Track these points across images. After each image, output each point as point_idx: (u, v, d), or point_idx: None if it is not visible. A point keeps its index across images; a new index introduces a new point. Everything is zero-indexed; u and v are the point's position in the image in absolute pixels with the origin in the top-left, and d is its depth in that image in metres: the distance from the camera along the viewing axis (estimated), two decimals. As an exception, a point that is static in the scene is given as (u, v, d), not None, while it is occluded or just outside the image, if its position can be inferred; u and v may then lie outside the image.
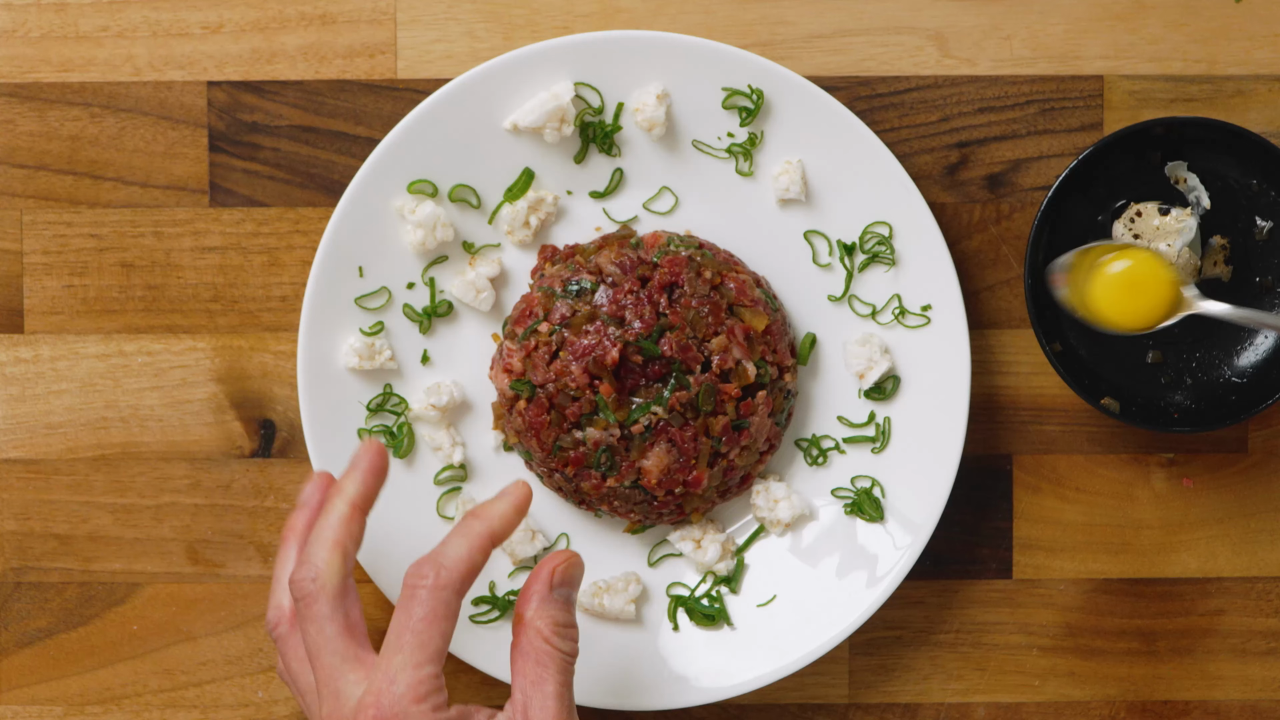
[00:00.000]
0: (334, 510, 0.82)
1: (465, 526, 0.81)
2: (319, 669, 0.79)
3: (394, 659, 0.77)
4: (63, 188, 0.95)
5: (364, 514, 0.82)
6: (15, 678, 0.96)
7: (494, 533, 0.81)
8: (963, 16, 0.95)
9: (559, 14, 0.95)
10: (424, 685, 0.77)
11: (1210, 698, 0.96)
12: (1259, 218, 0.93)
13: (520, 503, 0.82)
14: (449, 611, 0.78)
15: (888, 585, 0.92)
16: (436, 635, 0.78)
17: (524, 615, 0.81)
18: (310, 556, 0.80)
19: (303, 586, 0.79)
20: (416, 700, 0.76)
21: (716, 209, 0.94)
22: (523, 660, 0.80)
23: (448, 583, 0.78)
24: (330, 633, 0.79)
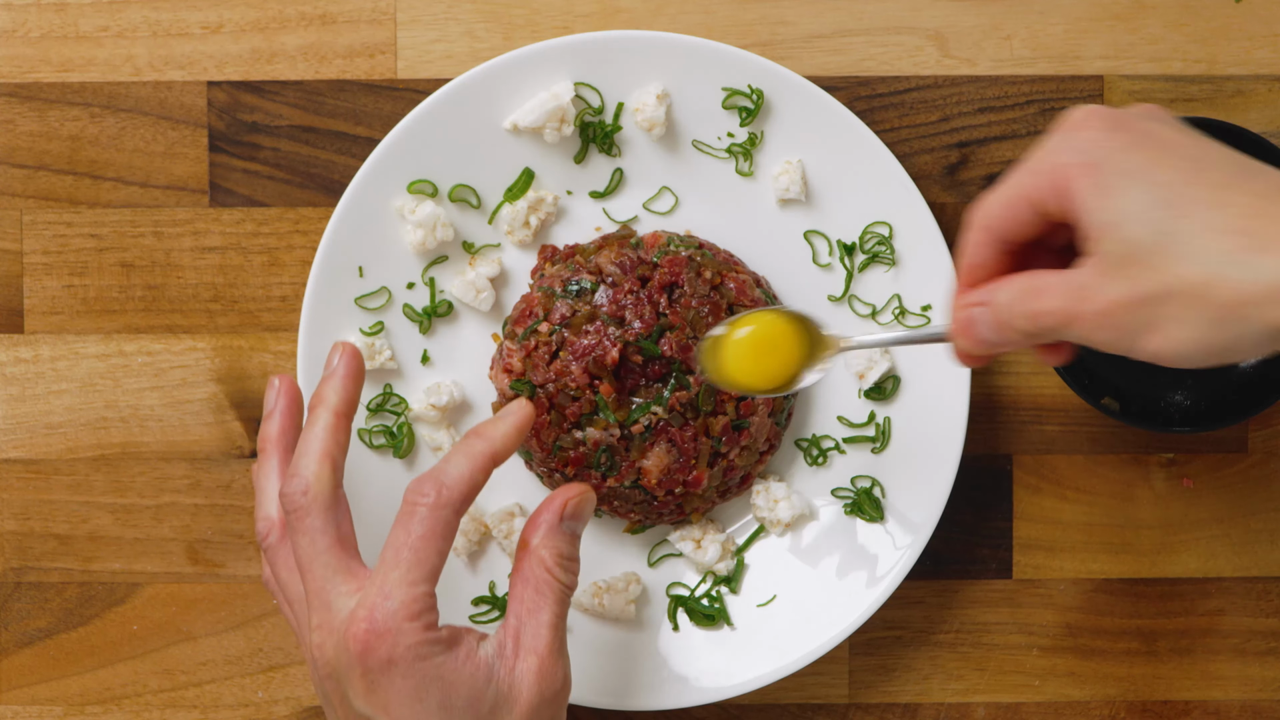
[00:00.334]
0: (319, 420, 0.81)
1: (467, 445, 0.80)
2: (310, 580, 0.79)
3: (390, 574, 0.77)
4: (63, 188, 0.95)
5: (349, 421, 0.82)
6: (15, 678, 0.96)
7: (495, 453, 0.80)
8: (963, 16, 0.95)
9: (559, 14, 0.95)
10: (418, 603, 0.77)
11: (1210, 698, 0.96)
12: (1259, 218, 0.93)
13: (522, 423, 0.82)
14: (447, 530, 0.78)
15: (888, 585, 0.92)
16: (433, 554, 0.77)
17: (529, 542, 0.81)
18: (299, 469, 0.80)
19: (293, 499, 0.79)
20: (410, 617, 0.76)
21: (716, 209, 0.94)
22: (522, 586, 0.80)
23: (448, 501, 0.78)
24: (322, 545, 0.79)
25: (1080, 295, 0.70)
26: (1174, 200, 0.68)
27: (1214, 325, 0.67)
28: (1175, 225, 0.67)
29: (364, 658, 0.76)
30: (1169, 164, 0.69)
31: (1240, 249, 0.66)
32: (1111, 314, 0.69)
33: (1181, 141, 0.70)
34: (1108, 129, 0.70)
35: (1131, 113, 0.73)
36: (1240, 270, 0.66)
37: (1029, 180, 0.72)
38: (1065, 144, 0.71)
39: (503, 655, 0.79)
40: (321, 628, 0.78)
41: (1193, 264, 0.67)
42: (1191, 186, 0.68)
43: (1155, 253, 0.67)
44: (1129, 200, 0.68)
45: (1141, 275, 0.68)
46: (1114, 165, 0.69)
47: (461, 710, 0.77)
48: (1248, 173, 0.69)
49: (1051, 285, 0.71)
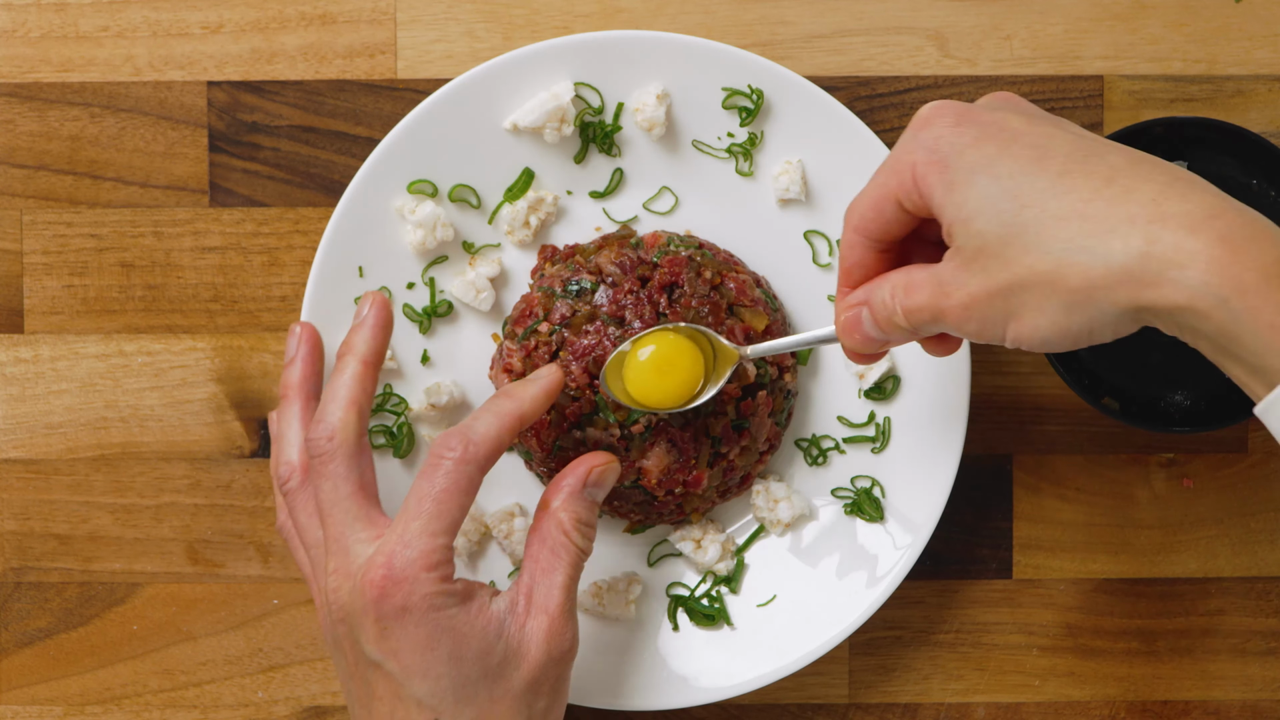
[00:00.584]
0: (347, 368, 0.83)
1: (496, 404, 0.82)
2: (330, 526, 0.80)
3: (411, 524, 0.78)
4: (63, 188, 0.95)
5: (376, 370, 0.84)
6: (15, 678, 0.96)
7: (523, 413, 0.82)
8: (963, 16, 0.95)
9: (559, 14, 0.95)
10: (436, 554, 0.78)
11: (1210, 698, 0.96)
12: (1259, 218, 0.93)
13: (551, 388, 0.84)
14: (470, 485, 0.80)
15: (888, 585, 0.92)
16: (455, 507, 0.79)
17: (550, 503, 0.83)
18: (326, 414, 0.82)
19: (318, 445, 0.81)
20: (427, 567, 0.78)
21: (716, 209, 0.94)
22: (539, 546, 0.82)
23: (473, 457, 0.80)
24: (344, 491, 0.80)
25: (943, 290, 0.72)
26: (1018, 191, 0.69)
27: (1069, 311, 0.68)
28: (1021, 216, 0.69)
29: (379, 603, 0.77)
30: (1013, 154, 0.70)
31: (1083, 234, 0.67)
32: (972, 306, 0.71)
33: (1026, 130, 0.71)
34: (954, 123, 0.72)
35: (980, 104, 0.74)
36: (1085, 256, 0.67)
37: (889, 180, 0.74)
38: (915, 141, 0.73)
39: (514, 612, 0.80)
40: (338, 572, 0.79)
41: (1040, 253, 0.68)
42: (1034, 176, 0.69)
43: (1005, 245, 0.69)
44: (976, 194, 0.70)
45: (994, 267, 0.69)
46: (961, 160, 0.71)
47: (470, 662, 0.78)
48: (1088, 156, 0.70)
49: (920, 281, 0.73)
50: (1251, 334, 0.65)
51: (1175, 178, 0.68)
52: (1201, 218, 0.66)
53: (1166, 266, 0.66)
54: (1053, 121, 0.73)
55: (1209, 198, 0.67)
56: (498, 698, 0.79)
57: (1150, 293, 0.66)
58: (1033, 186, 0.69)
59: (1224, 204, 0.67)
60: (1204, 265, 0.65)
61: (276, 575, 0.96)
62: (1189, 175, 0.69)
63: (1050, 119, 0.73)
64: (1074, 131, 0.72)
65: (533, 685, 0.80)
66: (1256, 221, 0.67)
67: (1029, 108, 0.75)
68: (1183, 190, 0.68)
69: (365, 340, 0.84)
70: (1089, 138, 0.72)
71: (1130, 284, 0.67)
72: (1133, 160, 0.70)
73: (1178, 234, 0.66)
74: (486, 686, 0.79)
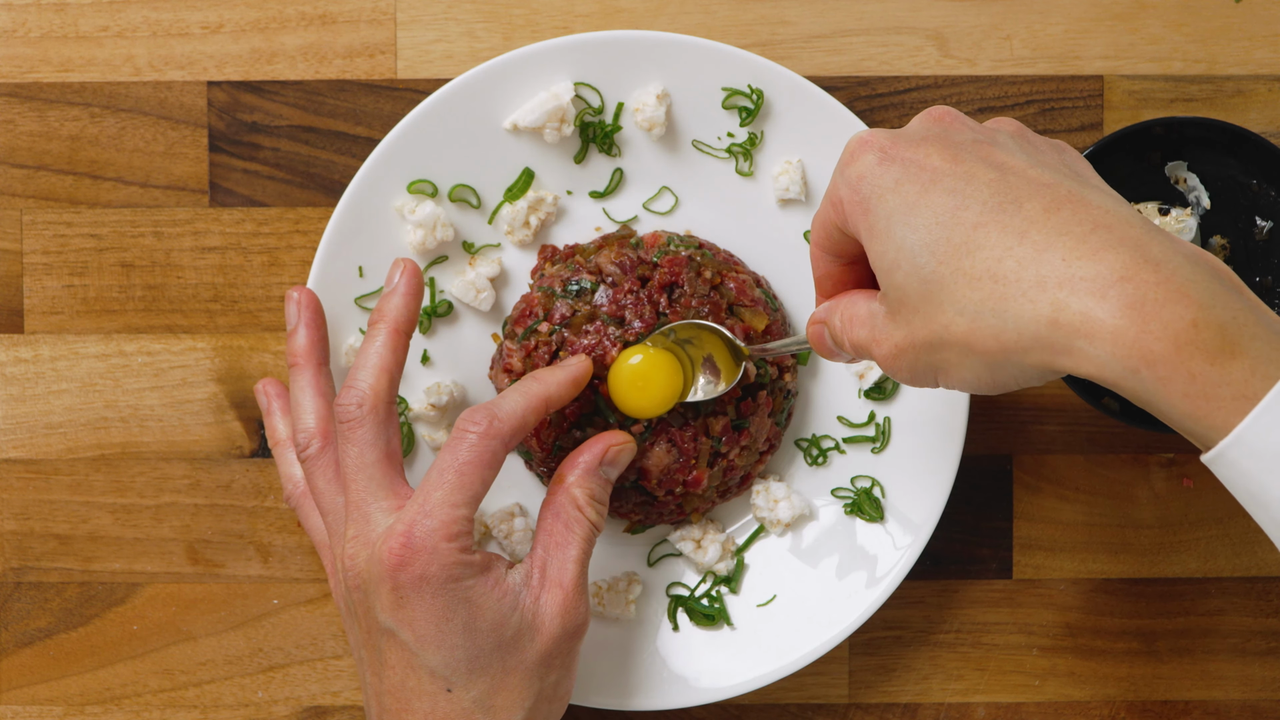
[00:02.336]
0: (378, 335, 0.84)
1: (523, 385, 0.83)
2: (352, 492, 0.81)
3: (433, 494, 0.79)
4: (63, 188, 0.95)
5: (408, 337, 0.84)
6: (15, 678, 0.96)
7: (549, 397, 0.83)
8: (963, 16, 0.95)
9: (559, 14, 0.95)
10: (457, 524, 0.79)
11: (1210, 698, 0.96)
12: (1259, 218, 0.93)
13: (579, 375, 0.85)
14: (493, 460, 0.80)
15: (888, 585, 0.92)
16: (477, 481, 0.80)
17: (565, 478, 0.84)
18: (356, 381, 0.82)
19: (348, 410, 0.81)
20: (447, 537, 0.78)
21: (716, 209, 0.94)
22: (552, 520, 0.83)
23: (497, 433, 0.80)
24: (370, 458, 0.81)
25: (874, 336, 0.71)
26: (934, 245, 0.67)
27: (990, 369, 0.67)
28: (936, 271, 0.67)
29: (396, 572, 0.78)
30: (931, 202, 0.68)
31: (994, 297, 0.65)
32: (899, 357, 0.70)
33: (948, 170, 0.68)
34: (878, 160, 0.70)
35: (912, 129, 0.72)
36: (996, 320, 0.65)
37: (828, 210, 0.73)
38: (842, 177, 0.71)
39: (529, 584, 0.81)
40: (357, 539, 0.80)
41: (955, 314, 0.66)
42: (950, 228, 0.67)
43: (924, 300, 0.68)
44: (894, 245, 0.68)
45: (915, 322, 0.68)
46: (881, 205, 0.69)
47: (484, 633, 0.79)
48: (1004, 205, 0.67)
49: (861, 318, 0.73)
50: (1166, 404, 0.62)
51: (1093, 227, 0.65)
52: (1111, 281, 0.63)
53: (1073, 336, 0.63)
54: (978, 153, 0.69)
55: (1123, 256, 0.63)
56: (510, 669, 0.80)
57: (1062, 359, 0.64)
58: (948, 241, 0.67)
59: (1138, 261, 0.63)
60: (1110, 336, 0.62)
61: (276, 575, 0.96)
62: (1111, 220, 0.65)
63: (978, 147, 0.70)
64: (998, 165, 0.68)
65: (546, 658, 0.81)
66: (1173, 279, 0.63)
67: (959, 132, 0.71)
68: (1096, 247, 0.64)
69: (397, 307, 0.85)
70: (1014, 173, 0.68)
71: (1041, 350, 0.64)
72: (1050, 206, 0.66)
73: (1085, 301, 0.63)
74: (500, 658, 0.79)
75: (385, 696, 0.80)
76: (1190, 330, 0.62)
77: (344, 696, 0.96)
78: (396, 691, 0.79)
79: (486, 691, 0.79)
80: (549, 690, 0.81)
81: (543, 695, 0.81)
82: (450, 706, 0.79)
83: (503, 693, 0.80)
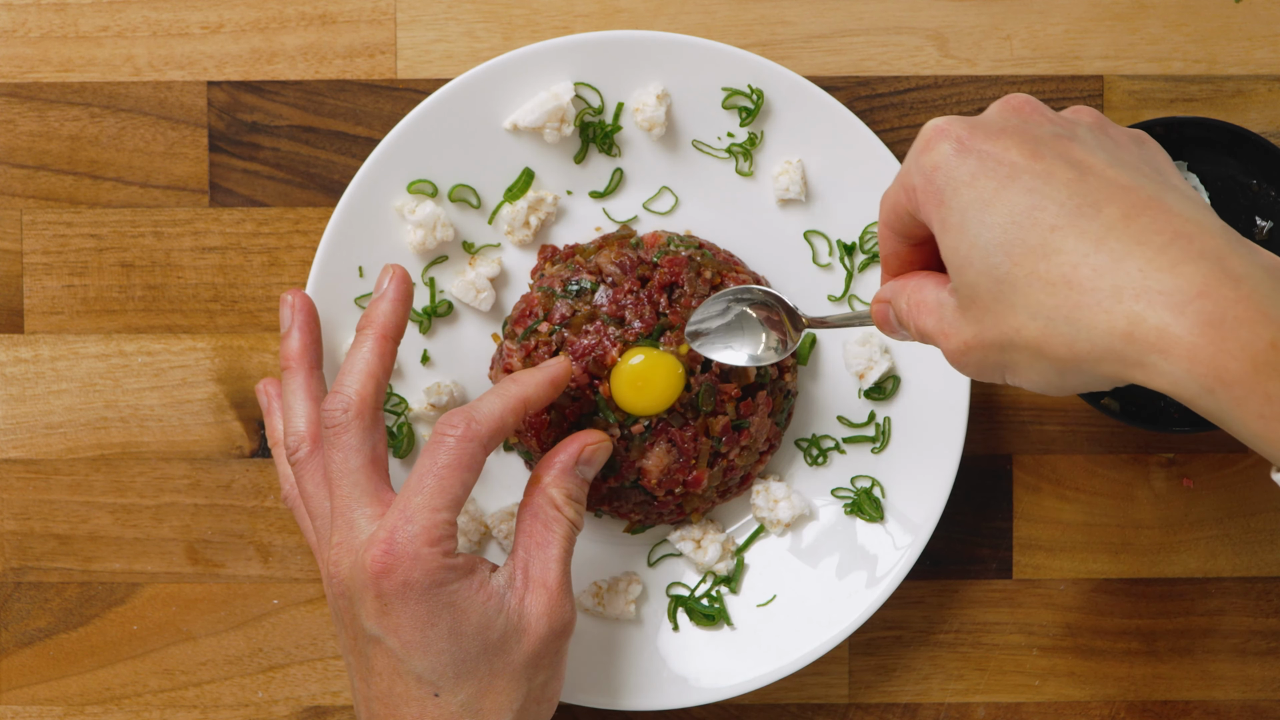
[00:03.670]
0: (366, 341, 0.84)
1: (502, 387, 0.83)
2: (338, 497, 0.81)
3: (413, 499, 0.79)
4: (63, 188, 0.95)
5: (395, 343, 0.84)
6: (15, 678, 0.96)
7: (528, 398, 0.83)
8: (963, 16, 0.95)
9: (559, 14, 0.95)
10: (438, 529, 0.79)
11: (1210, 698, 0.96)
12: (1259, 218, 0.93)
13: (558, 377, 0.85)
14: (473, 463, 0.80)
15: (888, 585, 0.92)
16: (457, 484, 0.79)
17: (541, 479, 0.84)
18: (343, 385, 0.82)
19: (334, 415, 0.81)
20: (429, 542, 0.78)
21: (716, 209, 0.94)
22: (531, 521, 0.83)
23: (475, 435, 0.80)
24: (355, 464, 0.81)
25: (941, 329, 0.70)
26: (1009, 245, 0.66)
27: (1060, 374, 0.66)
28: (1010, 273, 0.66)
29: (379, 579, 0.78)
30: (1008, 200, 0.66)
31: (1068, 305, 0.64)
32: (967, 353, 0.69)
33: (1025, 168, 0.67)
34: (955, 150, 0.68)
35: (989, 117, 0.70)
36: (1069, 328, 0.64)
37: (899, 193, 0.71)
38: (916, 164, 0.70)
39: (513, 586, 0.81)
40: (341, 545, 0.80)
41: (1027, 318, 0.65)
42: (1025, 229, 0.66)
43: (996, 300, 0.66)
44: (968, 241, 0.67)
45: (986, 321, 0.67)
46: (956, 199, 0.68)
47: (470, 637, 0.79)
48: (1082, 208, 0.65)
49: (930, 304, 0.71)
50: (1240, 424, 0.61)
51: (1172, 237, 0.63)
52: (1189, 296, 0.62)
53: (1148, 351, 0.62)
54: (1057, 149, 0.68)
55: (1203, 269, 0.62)
56: (498, 671, 0.80)
57: (1135, 372, 0.63)
58: (1024, 243, 0.65)
59: (1218, 276, 0.62)
60: (1186, 354, 0.61)
61: (276, 575, 0.96)
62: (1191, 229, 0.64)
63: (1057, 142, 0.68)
64: (1077, 164, 0.67)
65: (533, 660, 0.80)
66: (1253, 296, 0.61)
67: (1038, 125, 0.70)
68: (1175, 258, 0.63)
69: (385, 312, 0.85)
70: (1094, 174, 0.67)
71: (1113, 361, 0.63)
72: (1130, 212, 0.65)
73: (1162, 315, 0.62)
74: (486, 661, 0.79)
75: (373, 702, 0.80)
76: (1269, 351, 0.61)
77: (344, 696, 0.96)
78: (384, 697, 0.79)
79: (474, 695, 0.79)
80: (537, 691, 0.81)
81: (531, 696, 0.81)
82: (438, 711, 0.79)
83: (490, 696, 0.80)
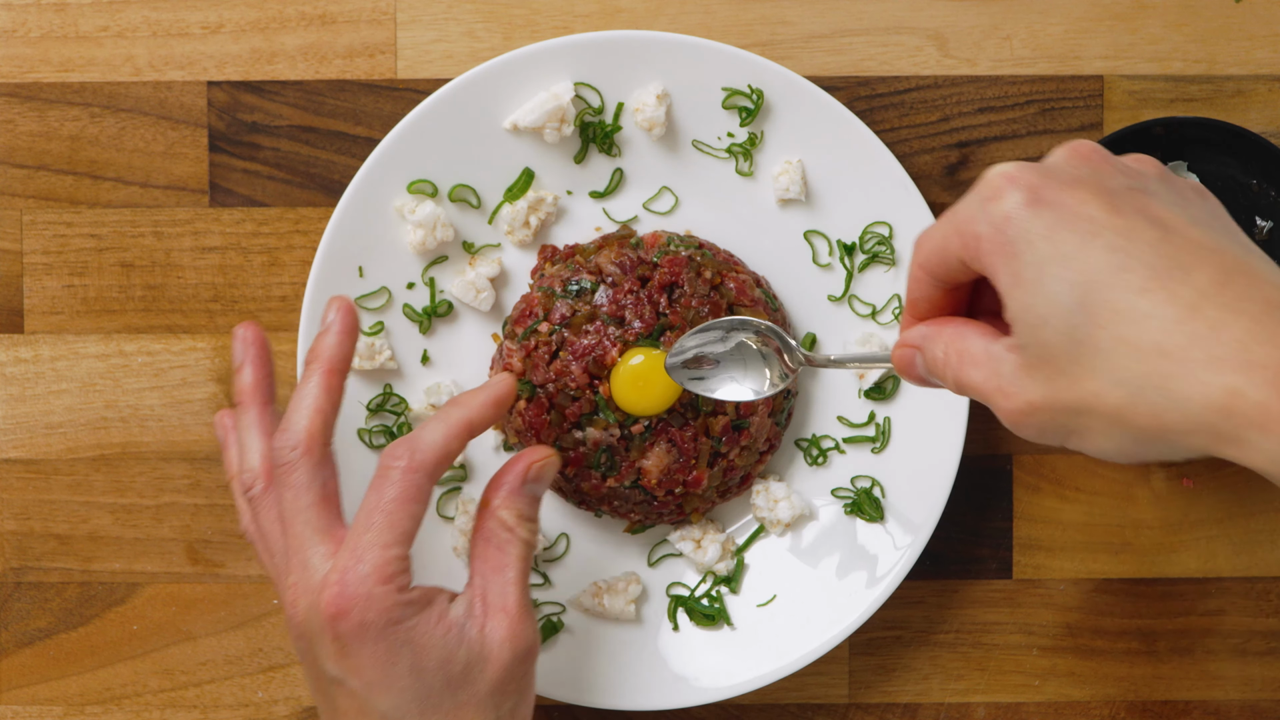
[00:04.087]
0: (313, 376, 0.81)
1: (444, 413, 0.81)
2: (291, 537, 0.79)
3: (363, 537, 0.77)
4: (63, 188, 0.95)
5: (343, 376, 0.82)
6: (15, 678, 0.96)
7: (472, 422, 0.81)
8: (963, 16, 0.95)
9: (559, 14, 0.95)
10: (390, 566, 0.77)
11: (1210, 698, 0.96)
12: (1259, 218, 0.93)
13: (501, 395, 0.82)
14: (420, 494, 0.78)
15: (888, 585, 0.92)
16: (406, 517, 0.78)
17: (490, 502, 0.82)
18: (290, 423, 0.80)
19: (283, 454, 0.79)
20: (382, 580, 0.77)
21: (716, 209, 0.94)
22: (484, 545, 0.81)
23: (420, 465, 0.78)
24: (305, 502, 0.79)
25: (999, 386, 0.66)
26: (1092, 305, 0.63)
27: (1138, 443, 0.63)
28: (1092, 334, 0.62)
29: (335, 622, 0.76)
30: (1090, 257, 0.63)
31: (1159, 374, 0.61)
32: (1031, 415, 0.65)
33: (1107, 224, 0.64)
34: (1027, 202, 0.65)
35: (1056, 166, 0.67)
36: (1159, 397, 0.61)
37: (953, 238, 0.67)
38: (982, 212, 0.66)
39: (472, 615, 0.79)
40: (296, 586, 0.78)
41: (1110, 383, 0.62)
42: (1111, 289, 0.62)
43: (1073, 362, 0.63)
44: (1045, 298, 0.64)
45: (1059, 382, 0.64)
46: (1031, 252, 0.64)
47: (432, 672, 0.77)
48: (1172, 270, 0.62)
49: (978, 357, 0.67)
50: None
51: (1267, 306, 0.61)
52: None
53: (1247, 427, 0.59)
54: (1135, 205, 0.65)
55: None
56: (463, 704, 0.78)
57: (1229, 448, 0.60)
58: (1108, 303, 0.62)
59: None
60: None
61: (276, 575, 0.96)
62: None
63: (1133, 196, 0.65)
64: (1158, 222, 0.64)
65: (499, 686, 0.79)
66: None
67: (1110, 176, 0.66)
68: (1274, 330, 0.60)
69: (330, 346, 0.82)
70: (1177, 233, 0.64)
71: (1205, 434, 0.60)
72: (1222, 279, 0.62)
73: (1264, 391, 0.59)
74: (451, 694, 0.78)
75: None
76: None
77: (344, 696, 0.96)
78: None
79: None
80: (506, 717, 0.80)
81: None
82: None
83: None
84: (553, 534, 0.95)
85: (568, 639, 0.93)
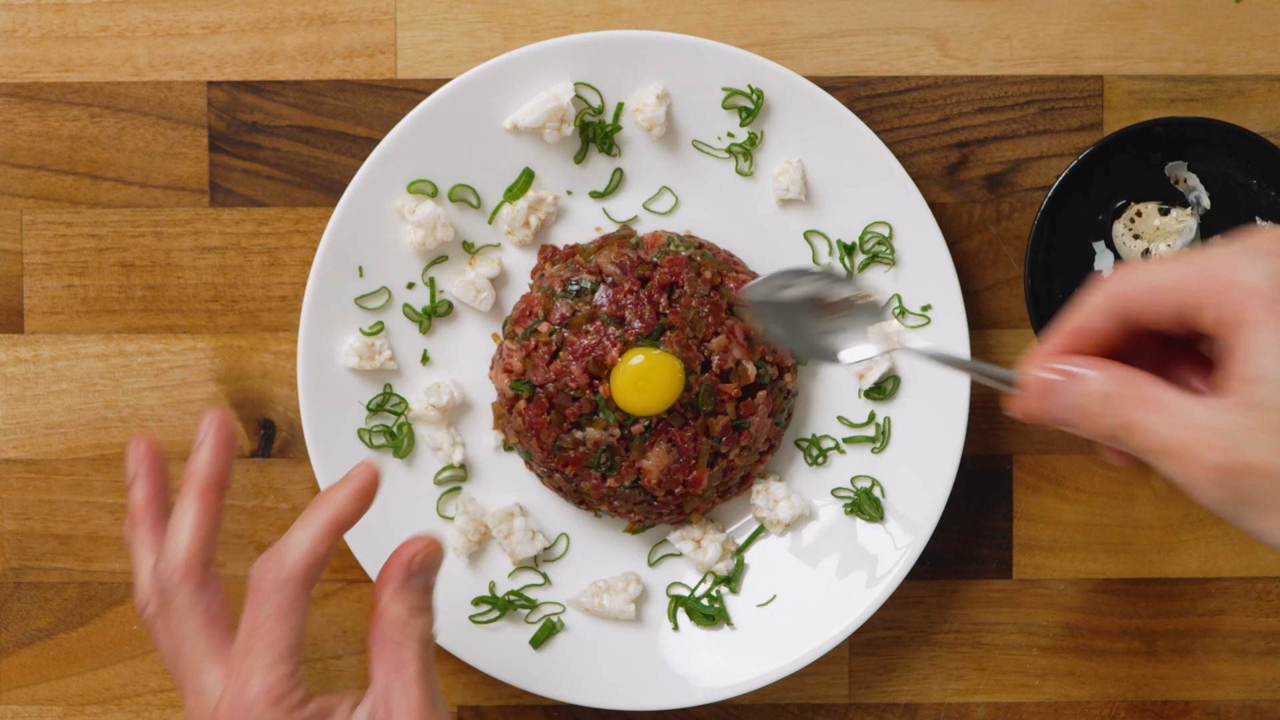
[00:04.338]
0: (187, 496, 0.80)
1: (309, 515, 0.78)
2: (182, 664, 0.78)
3: (245, 660, 0.75)
4: (63, 188, 0.95)
5: (220, 494, 0.80)
6: (15, 678, 0.96)
7: (337, 519, 0.78)
8: (963, 16, 0.95)
9: (559, 14, 0.95)
10: (278, 686, 0.75)
11: (1210, 698, 0.96)
12: (1259, 218, 0.93)
13: (363, 487, 0.79)
14: (295, 605, 0.76)
15: (888, 585, 0.92)
16: (286, 632, 0.76)
17: (379, 601, 0.78)
18: (169, 547, 0.79)
19: (164, 579, 0.78)
20: (271, 703, 0.75)
21: (716, 209, 0.94)
22: (380, 647, 0.78)
23: (290, 578, 0.76)
24: (190, 628, 0.78)
25: (1203, 438, 0.62)
26: None
27: None
28: None
29: None
30: None
31: None
32: (1241, 475, 0.61)
33: None
34: None
35: None
36: None
37: (1191, 283, 0.64)
38: (1252, 266, 0.62)
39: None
40: (193, 714, 0.77)
41: None
42: None
43: None
44: None
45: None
46: None
47: None
48: None
49: (1169, 406, 0.63)
50: None
51: None
52: None
53: None
54: None
55: None
56: None
57: None
58: None
59: None
60: None
61: (276, 575, 0.96)
62: None
63: None
64: None
65: None
66: None
67: None
68: None
69: (204, 464, 0.80)
70: None
71: None
72: None
73: None
74: None
75: None
76: None
77: (344, 696, 0.96)
78: None
79: None
80: None
81: None
82: None
83: None
84: (552, 534, 0.95)
85: (568, 639, 0.93)
